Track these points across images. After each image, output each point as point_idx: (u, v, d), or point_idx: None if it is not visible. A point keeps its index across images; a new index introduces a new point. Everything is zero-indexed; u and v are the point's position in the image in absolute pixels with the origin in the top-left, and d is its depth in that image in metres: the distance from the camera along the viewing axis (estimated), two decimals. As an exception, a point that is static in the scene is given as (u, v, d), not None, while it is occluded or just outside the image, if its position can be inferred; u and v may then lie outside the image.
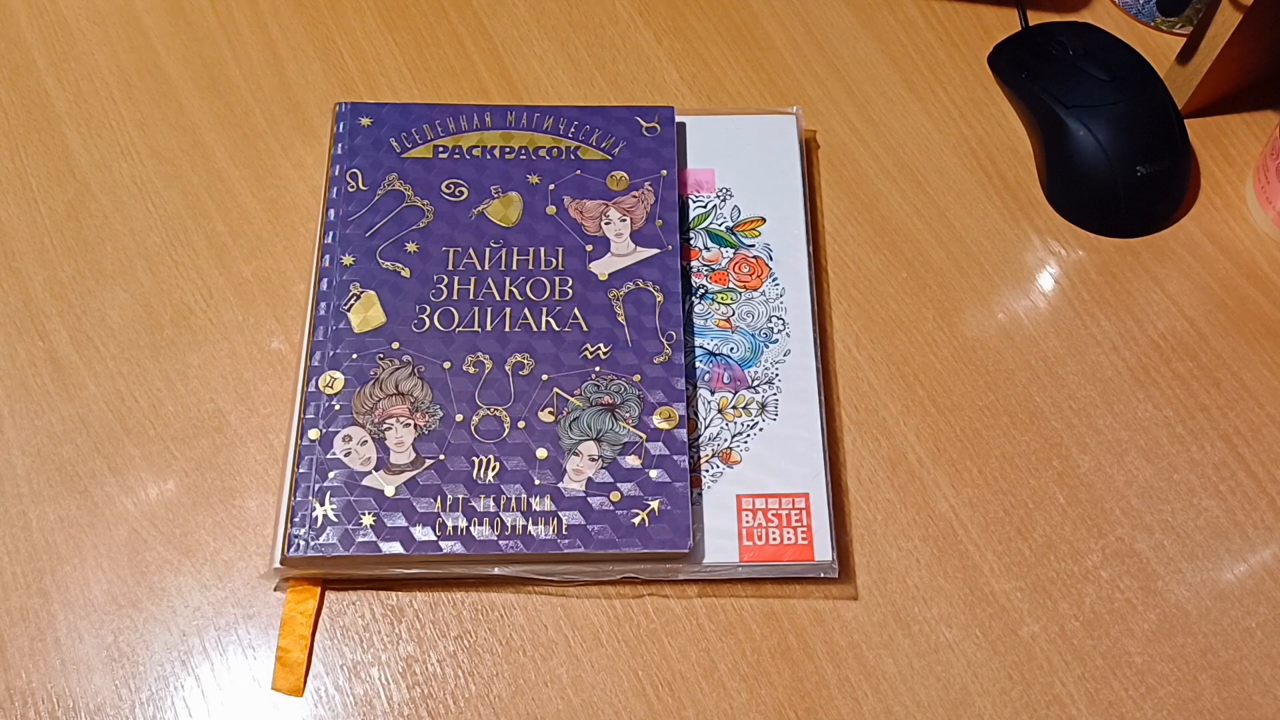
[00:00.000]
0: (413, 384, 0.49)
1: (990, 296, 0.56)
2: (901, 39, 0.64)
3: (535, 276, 0.52)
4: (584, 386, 0.49)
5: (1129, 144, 0.56)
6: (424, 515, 0.47)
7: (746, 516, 0.48)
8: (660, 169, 0.55)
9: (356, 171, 0.54)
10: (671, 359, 0.50)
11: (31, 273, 0.55)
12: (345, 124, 0.56)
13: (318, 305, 0.51)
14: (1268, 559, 0.50)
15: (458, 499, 0.47)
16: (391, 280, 0.52)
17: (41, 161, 0.58)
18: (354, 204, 0.53)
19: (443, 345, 0.50)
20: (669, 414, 0.49)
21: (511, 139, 0.55)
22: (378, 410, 0.49)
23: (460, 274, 0.52)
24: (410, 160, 0.55)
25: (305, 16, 0.63)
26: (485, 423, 0.48)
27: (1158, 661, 0.47)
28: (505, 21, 0.64)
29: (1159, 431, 0.52)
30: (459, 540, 0.46)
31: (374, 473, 0.47)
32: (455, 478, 0.47)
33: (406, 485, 0.47)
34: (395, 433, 0.48)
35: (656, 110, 0.57)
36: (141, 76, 0.61)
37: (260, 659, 0.46)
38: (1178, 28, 0.64)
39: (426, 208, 0.53)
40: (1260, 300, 0.56)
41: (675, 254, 0.53)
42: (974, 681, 0.47)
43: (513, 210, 0.53)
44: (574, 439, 0.48)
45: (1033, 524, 0.50)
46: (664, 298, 0.51)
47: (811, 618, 0.48)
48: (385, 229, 0.53)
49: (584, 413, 0.49)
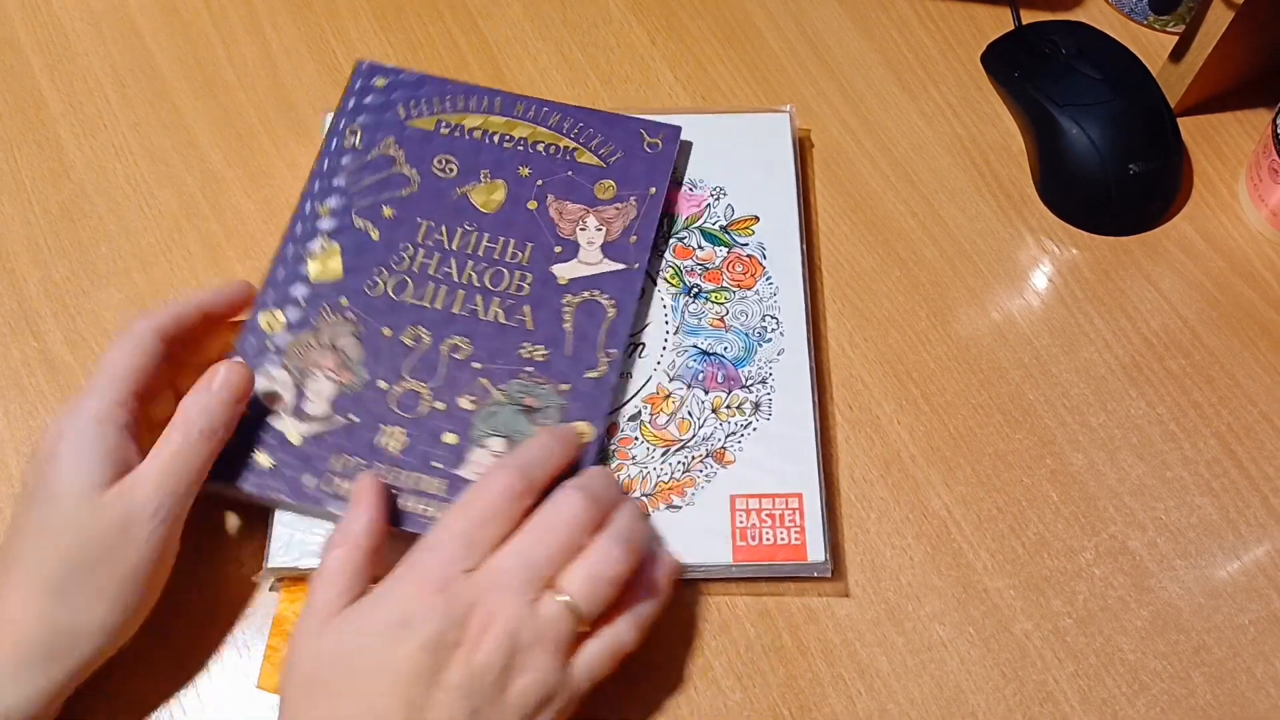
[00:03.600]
0: (348, 342, 0.49)
1: (983, 295, 0.56)
2: (895, 38, 0.64)
3: (498, 266, 0.52)
4: (511, 384, 0.49)
5: (1122, 142, 0.56)
6: (318, 468, 0.47)
7: (740, 516, 0.48)
8: (650, 186, 0.54)
9: (357, 129, 0.55)
10: (604, 376, 0.49)
11: (26, 273, 0.55)
12: (360, 81, 0.56)
13: (284, 245, 0.52)
14: (1260, 556, 0.50)
15: (355, 462, 0.47)
16: (359, 239, 0.52)
17: (36, 162, 0.58)
18: (346, 158, 0.54)
19: (389, 312, 0.50)
20: (585, 430, 0.48)
21: (515, 128, 0.55)
22: (307, 358, 0.49)
23: (426, 248, 0.52)
24: (412, 129, 0.55)
25: (299, 17, 0.63)
26: (406, 396, 0.48)
27: (1150, 658, 0.47)
28: (499, 21, 0.64)
29: (1152, 429, 0.53)
30: (344, 502, 0.46)
31: (284, 416, 0.48)
32: (360, 442, 0.47)
33: (312, 437, 0.47)
34: (317, 384, 0.48)
35: (663, 127, 0.56)
36: (136, 77, 0.61)
37: (253, 658, 0.46)
38: (1170, 26, 0.64)
39: (413, 176, 0.54)
40: (1253, 298, 0.56)
41: (640, 273, 0.52)
42: (967, 679, 0.47)
43: (495, 197, 0.53)
44: (485, 432, 0.48)
45: (1026, 522, 0.50)
46: (616, 314, 0.51)
47: (805, 616, 0.48)
48: (368, 189, 0.53)
49: (503, 409, 0.48)
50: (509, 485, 0.42)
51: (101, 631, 0.41)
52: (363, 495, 0.44)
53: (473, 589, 0.40)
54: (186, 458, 0.43)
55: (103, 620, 0.41)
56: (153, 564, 0.42)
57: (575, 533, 0.42)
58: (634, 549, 0.42)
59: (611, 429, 0.50)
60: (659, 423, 0.50)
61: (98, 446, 0.42)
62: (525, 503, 0.42)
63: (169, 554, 0.43)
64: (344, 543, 0.42)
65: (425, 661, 0.39)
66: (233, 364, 0.46)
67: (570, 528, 0.42)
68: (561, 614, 0.40)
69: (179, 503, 0.42)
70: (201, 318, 0.47)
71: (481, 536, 0.41)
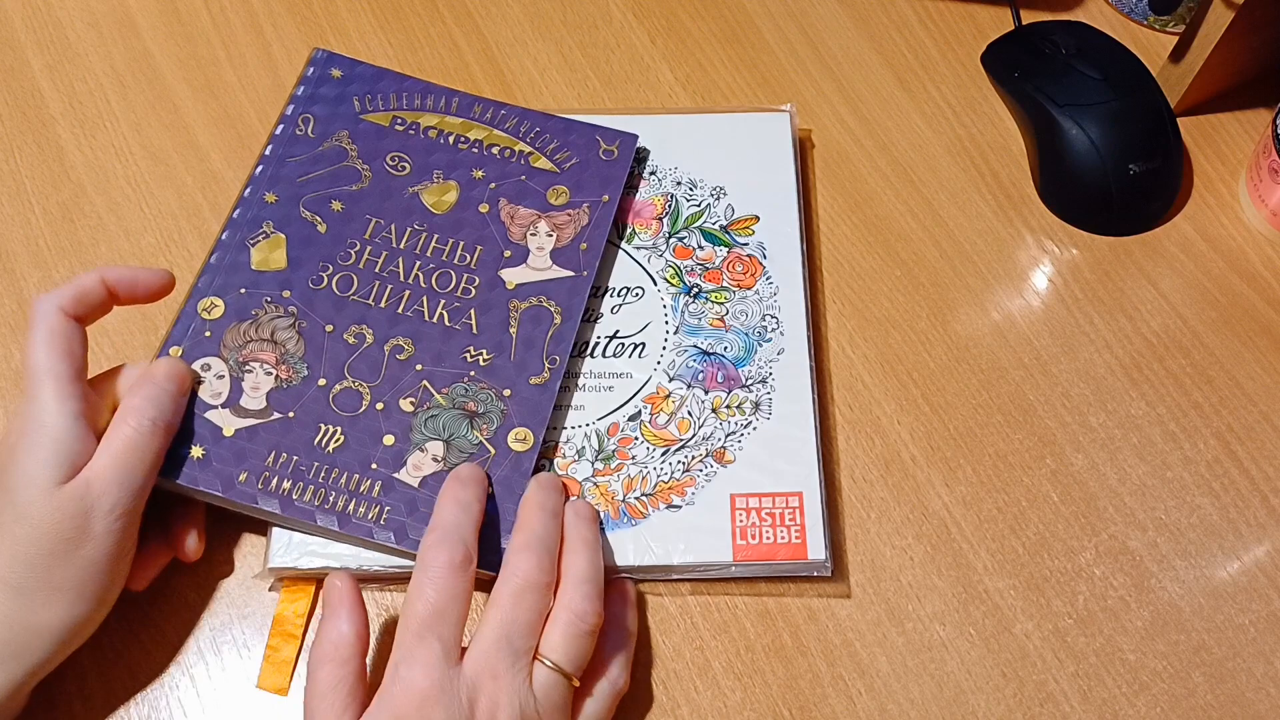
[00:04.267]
0: (288, 336, 0.49)
1: (984, 295, 0.56)
2: (895, 38, 0.64)
3: (445, 268, 0.51)
4: (453, 387, 0.49)
5: (1122, 142, 0.56)
6: (252, 464, 0.46)
7: (740, 516, 0.48)
8: (604, 194, 0.54)
9: (310, 117, 0.54)
10: (547, 383, 0.49)
11: (26, 274, 0.55)
12: (316, 70, 0.56)
13: (227, 230, 0.51)
14: (1260, 556, 0.50)
15: (291, 459, 0.46)
16: (305, 231, 0.51)
17: (36, 163, 0.58)
18: (297, 147, 0.53)
19: (332, 308, 0.50)
20: (524, 435, 0.48)
21: (471, 129, 0.55)
22: (245, 350, 0.48)
23: (374, 245, 0.52)
24: (366, 123, 0.55)
25: (299, 17, 0.63)
26: (346, 395, 0.48)
27: (1151, 658, 0.47)
28: (499, 22, 0.64)
29: (1152, 429, 0.53)
30: (278, 499, 0.46)
31: (220, 408, 0.47)
32: (297, 439, 0.47)
33: (247, 430, 0.47)
34: (255, 377, 0.48)
35: (620, 135, 0.56)
36: (136, 78, 0.61)
37: (254, 658, 0.46)
38: (1170, 26, 0.64)
39: (365, 172, 0.53)
40: (1253, 298, 0.56)
41: (588, 281, 0.52)
42: (967, 679, 0.47)
43: (447, 198, 0.53)
44: (425, 435, 0.48)
45: (1026, 522, 0.50)
46: (562, 321, 0.51)
47: (805, 616, 0.48)
48: (318, 180, 0.53)
49: (444, 412, 0.48)
50: (449, 560, 0.41)
51: (62, 627, 0.41)
52: (338, 599, 0.42)
53: (466, 685, 0.40)
54: (140, 451, 0.42)
55: (62, 617, 0.41)
56: (112, 559, 0.41)
57: (540, 593, 0.42)
58: (598, 593, 0.43)
59: (612, 429, 0.50)
60: (659, 422, 0.50)
61: (54, 442, 0.41)
62: (469, 569, 0.42)
63: (128, 547, 0.42)
64: (332, 657, 0.41)
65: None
66: (171, 359, 0.46)
67: (535, 590, 0.42)
68: (555, 680, 0.41)
69: (135, 497, 0.42)
70: (107, 292, 0.45)
71: (446, 629, 0.40)
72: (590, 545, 0.44)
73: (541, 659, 0.41)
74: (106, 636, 0.46)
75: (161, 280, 0.47)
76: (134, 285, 0.46)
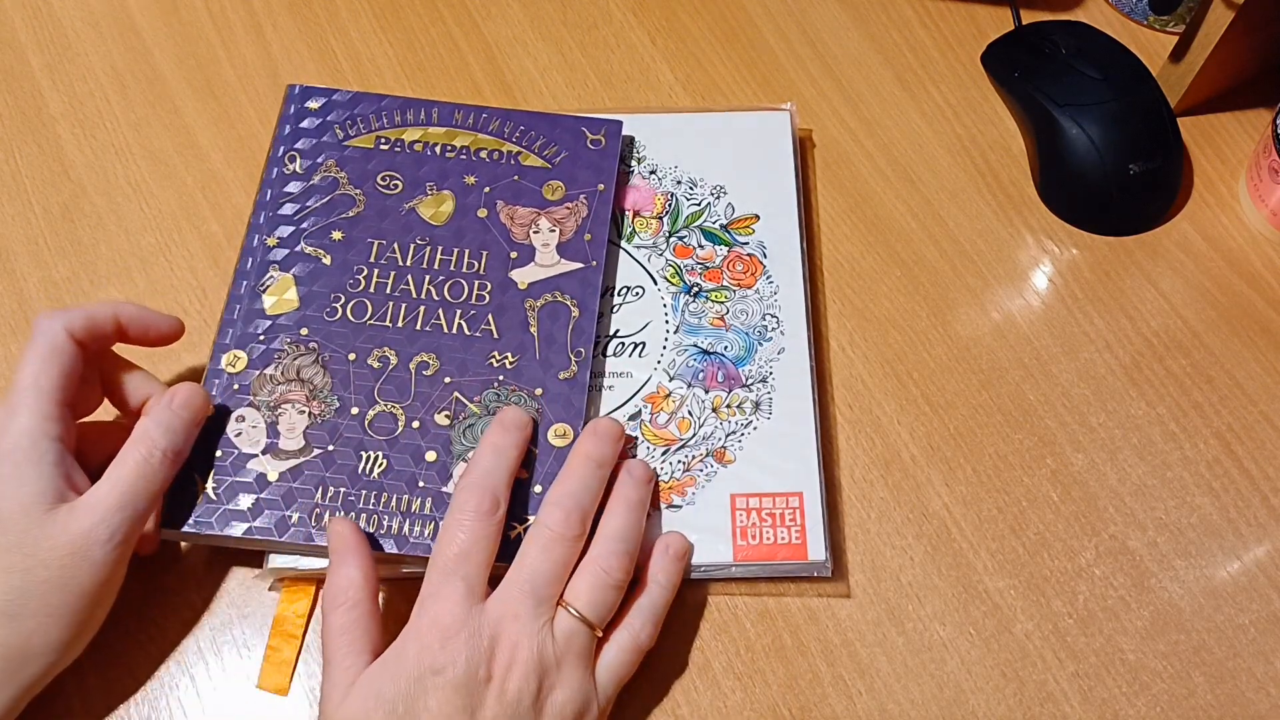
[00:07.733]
0: (314, 372, 0.49)
1: (984, 295, 0.56)
2: (895, 37, 0.64)
3: (455, 278, 0.51)
4: (484, 394, 0.49)
5: (1122, 142, 0.56)
6: (302, 503, 0.46)
7: (740, 515, 0.48)
8: (598, 183, 0.54)
9: (295, 154, 0.54)
10: (577, 376, 0.49)
11: (26, 274, 0.55)
12: (294, 106, 0.55)
13: (236, 283, 0.51)
14: (1260, 556, 0.50)
15: (339, 491, 0.46)
16: (311, 266, 0.51)
17: (36, 163, 0.58)
18: (288, 186, 0.53)
19: (351, 336, 0.50)
20: (564, 431, 0.48)
21: (455, 137, 0.55)
22: (275, 394, 0.48)
23: (381, 267, 0.52)
24: (351, 148, 0.54)
25: (299, 17, 0.63)
26: (380, 419, 0.48)
27: (1151, 658, 0.47)
28: (499, 22, 0.64)
29: (1152, 429, 0.53)
30: None
31: (261, 455, 0.47)
32: (341, 470, 0.47)
33: (290, 471, 0.47)
34: (288, 418, 0.48)
35: (604, 122, 0.56)
36: (136, 78, 0.61)
37: (254, 658, 0.46)
38: (1170, 26, 0.64)
39: (359, 197, 0.53)
40: (1253, 297, 0.56)
41: (599, 270, 0.52)
42: (967, 679, 0.47)
43: (444, 209, 0.53)
44: (466, 445, 0.48)
45: (1026, 522, 0.50)
46: (580, 313, 0.51)
47: (805, 616, 0.48)
48: (314, 213, 0.53)
49: (480, 420, 0.48)
50: (477, 506, 0.43)
51: (52, 651, 0.41)
52: (343, 544, 0.43)
53: (489, 623, 0.41)
54: (148, 480, 0.42)
55: (54, 640, 0.40)
56: (105, 584, 0.41)
57: (568, 546, 0.43)
58: (629, 552, 0.44)
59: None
60: (659, 422, 0.50)
61: (37, 464, 0.40)
62: (496, 514, 0.43)
63: (120, 573, 0.42)
64: (342, 602, 0.41)
65: (460, 703, 0.39)
66: (191, 385, 0.45)
67: (563, 543, 0.43)
68: (577, 627, 0.42)
69: (135, 526, 0.42)
70: (117, 327, 0.45)
71: (471, 570, 0.42)
72: (632, 506, 0.45)
73: (566, 606, 0.42)
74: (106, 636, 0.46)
75: (172, 327, 0.47)
76: (145, 329, 0.46)
